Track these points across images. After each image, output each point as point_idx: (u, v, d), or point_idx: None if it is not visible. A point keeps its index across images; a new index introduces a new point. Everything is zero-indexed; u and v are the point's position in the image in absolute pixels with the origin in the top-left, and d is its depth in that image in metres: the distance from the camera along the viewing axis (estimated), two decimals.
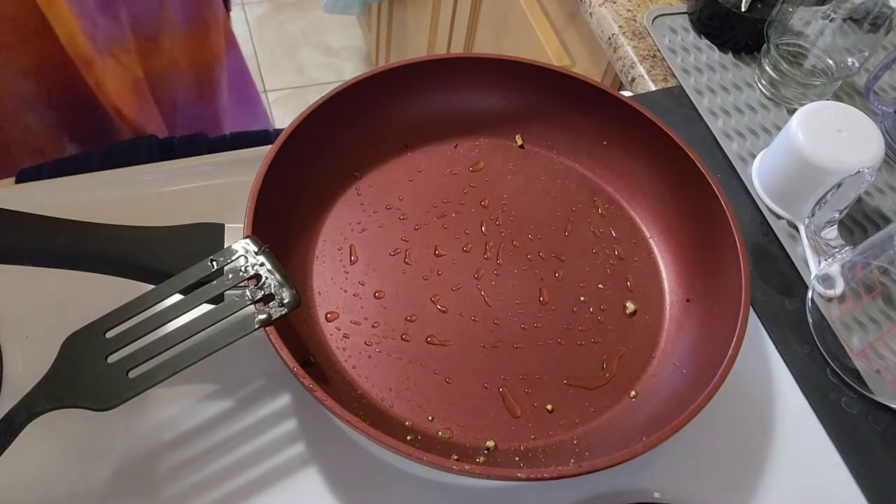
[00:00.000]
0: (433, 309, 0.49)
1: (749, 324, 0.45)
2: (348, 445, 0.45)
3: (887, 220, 0.60)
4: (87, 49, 0.59)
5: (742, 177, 0.62)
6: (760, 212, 0.60)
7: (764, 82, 0.68)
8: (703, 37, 0.72)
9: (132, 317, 0.40)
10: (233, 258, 0.42)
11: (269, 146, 0.48)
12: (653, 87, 0.68)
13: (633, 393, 0.47)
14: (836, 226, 0.55)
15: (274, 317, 0.41)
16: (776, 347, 0.52)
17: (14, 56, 0.59)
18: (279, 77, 2.02)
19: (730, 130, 0.65)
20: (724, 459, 0.47)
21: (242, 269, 0.42)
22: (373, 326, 0.48)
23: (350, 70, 2.05)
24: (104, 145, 0.65)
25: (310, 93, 1.99)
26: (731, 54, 0.71)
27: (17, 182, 0.61)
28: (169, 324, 0.40)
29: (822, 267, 0.54)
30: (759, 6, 0.69)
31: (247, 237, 0.44)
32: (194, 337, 0.39)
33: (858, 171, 0.52)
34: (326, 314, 0.48)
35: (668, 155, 0.53)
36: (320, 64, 2.07)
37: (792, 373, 0.51)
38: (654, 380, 0.48)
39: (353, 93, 0.52)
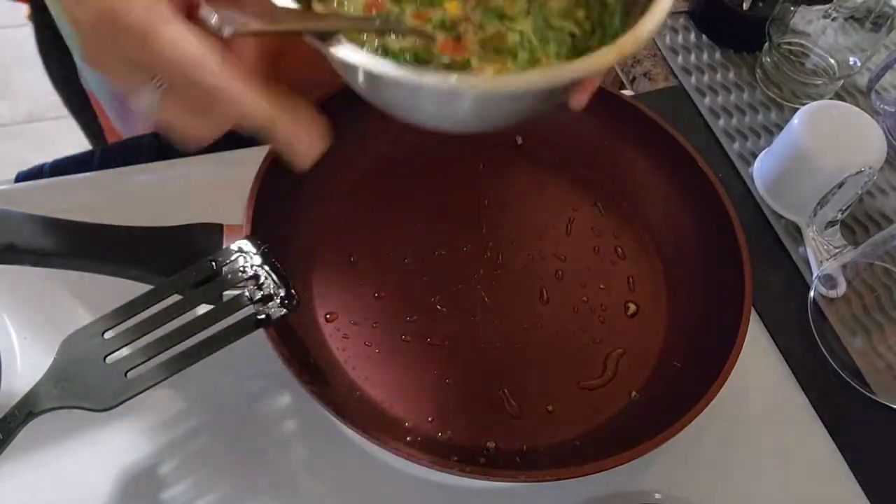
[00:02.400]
0: (433, 309, 0.49)
1: (750, 324, 0.44)
2: (348, 445, 0.44)
3: (889, 220, 0.60)
4: None
5: (743, 176, 0.62)
6: (762, 211, 0.60)
7: (765, 81, 0.68)
8: (703, 36, 0.72)
9: (131, 317, 0.39)
10: (232, 258, 0.42)
11: (270, 146, 0.48)
12: (653, 87, 0.68)
13: (634, 393, 0.47)
14: (837, 226, 0.55)
15: (273, 317, 0.40)
16: (777, 347, 0.52)
17: None
18: None
19: (731, 130, 0.65)
20: (725, 460, 0.47)
21: (242, 269, 0.42)
22: (373, 327, 0.48)
23: None
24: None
25: None
26: (732, 53, 0.71)
27: (16, 182, 0.61)
28: (168, 324, 0.40)
29: (824, 267, 0.54)
30: (761, 5, 0.68)
31: (246, 237, 0.43)
32: (193, 337, 0.39)
33: (860, 171, 0.52)
34: (326, 314, 0.48)
35: (669, 154, 0.53)
36: None
37: (793, 373, 0.51)
38: (655, 380, 0.48)
39: (354, 92, 0.52)
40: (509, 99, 0.32)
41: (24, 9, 0.73)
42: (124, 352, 0.39)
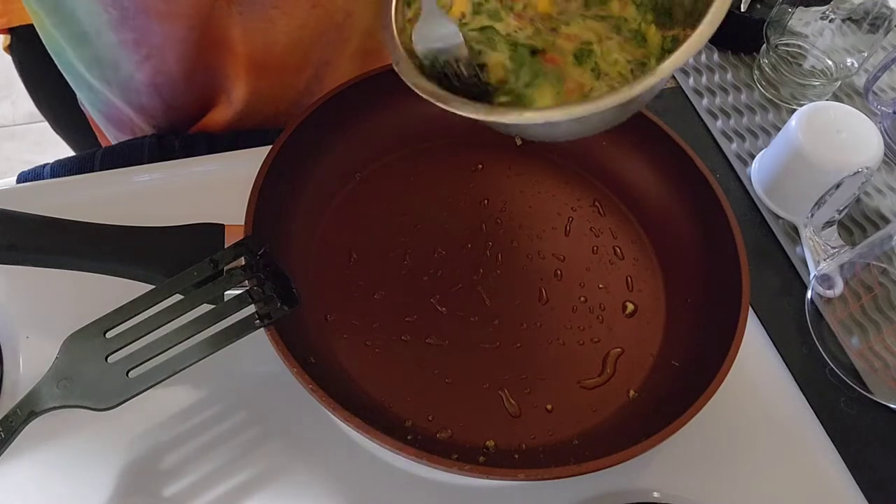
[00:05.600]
0: (433, 309, 0.49)
1: (748, 324, 0.45)
2: (348, 445, 0.45)
3: (886, 221, 0.60)
4: None
5: (741, 177, 0.62)
6: (759, 212, 0.60)
7: (763, 83, 0.68)
8: None
9: (132, 317, 0.40)
10: (233, 258, 0.42)
11: (270, 146, 0.48)
12: None
13: (632, 392, 0.47)
14: (835, 226, 0.55)
15: (274, 317, 0.41)
16: (775, 347, 0.52)
17: None
18: None
19: (728, 131, 0.65)
20: (723, 459, 0.47)
21: (242, 269, 0.42)
22: (372, 326, 0.48)
23: None
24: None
25: None
26: (729, 54, 0.71)
27: (18, 182, 0.61)
28: (169, 324, 0.40)
29: (821, 267, 0.54)
30: (759, 6, 0.69)
31: (247, 237, 0.44)
32: (194, 337, 0.40)
33: (857, 172, 0.53)
34: (326, 314, 0.48)
35: (667, 155, 0.53)
36: None
37: (791, 372, 0.51)
38: (654, 379, 0.48)
39: (353, 93, 0.52)
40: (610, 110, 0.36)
41: (2, 39, 0.74)
42: (126, 351, 0.39)
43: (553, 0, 0.42)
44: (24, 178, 0.62)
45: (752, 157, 0.63)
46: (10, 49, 0.74)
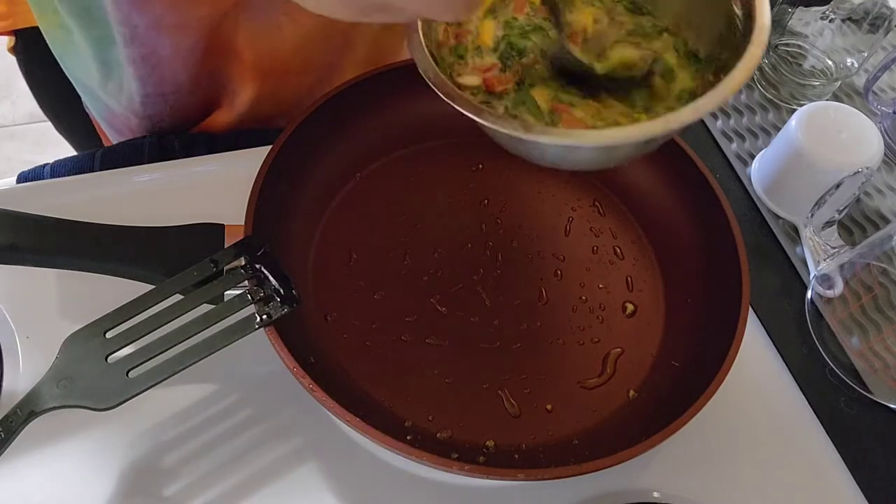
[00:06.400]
0: (433, 309, 0.49)
1: (748, 324, 0.45)
2: (348, 445, 0.45)
3: (886, 221, 0.60)
4: None
5: (741, 177, 0.62)
6: (759, 212, 0.60)
7: (763, 83, 0.68)
8: None
9: (132, 317, 0.40)
10: (233, 258, 0.42)
11: (270, 146, 0.48)
12: None
13: (632, 392, 0.47)
14: (835, 226, 0.55)
15: (274, 317, 0.41)
16: (775, 347, 0.52)
17: None
18: None
19: (728, 131, 0.65)
20: (723, 459, 0.47)
21: (242, 269, 0.42)
22: (372, 326, 0.48)
23: None
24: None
25: None
26: None
27: (18, 182, 0.61)
28: (169, 324, 0.40)
29: (821, 267, 0.54)
30: None
31: (247, 237, 0.44)
32: (194, 337, 0.40)
33: (857, 172, 0.53)
34: (326, 314, 0.48)
35: (667, 155, 0.53)
36: None
37: (791, 373, 0.51)
38: (654, 379, 0.48)
39: (353, 93, 0.52)
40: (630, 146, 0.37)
41: (6, 40, 0.74)
42: (126, 351, 0.39)
43: (597, 19, 0.41)
44: (24, 178, 0.62)
45: (752, 157, 0.63)
46: (14, 50, 0.75)
